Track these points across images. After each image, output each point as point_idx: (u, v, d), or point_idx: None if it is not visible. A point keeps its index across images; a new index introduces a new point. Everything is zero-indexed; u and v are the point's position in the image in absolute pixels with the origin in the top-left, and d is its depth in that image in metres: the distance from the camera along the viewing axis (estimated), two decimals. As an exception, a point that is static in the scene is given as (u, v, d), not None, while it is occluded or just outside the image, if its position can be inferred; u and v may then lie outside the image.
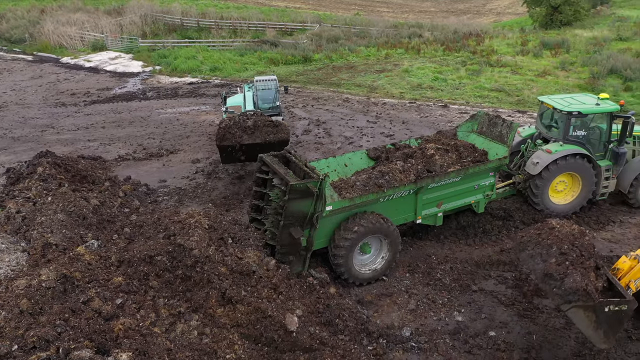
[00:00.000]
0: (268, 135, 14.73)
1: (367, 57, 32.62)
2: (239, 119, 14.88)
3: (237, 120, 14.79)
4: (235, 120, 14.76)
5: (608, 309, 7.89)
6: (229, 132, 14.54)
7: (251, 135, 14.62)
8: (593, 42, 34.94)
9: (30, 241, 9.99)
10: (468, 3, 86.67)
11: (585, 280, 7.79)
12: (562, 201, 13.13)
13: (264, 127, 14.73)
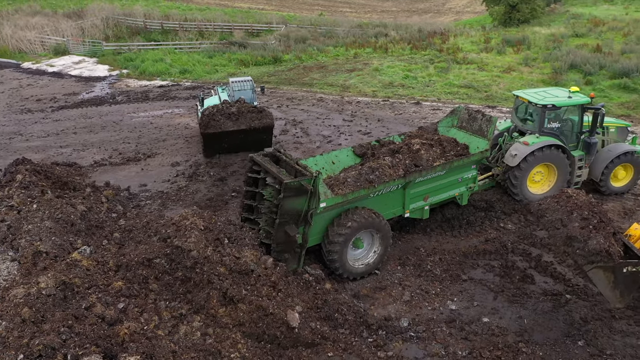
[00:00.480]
0: (252, 121, 14.70)
1: (336, 56, 32.93)
2: (222, 106, 14.75)
3: (220, 107, 14.67)
4: (218, 108, 14.61)
5: (626, 269, 8.60)
6: (213, 120, 14.41)
7: (236, 122, 14.57)
8: (551, 39, 36.30)
9: (19, 250, 9.73)
10: (428, 3, 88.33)
11: (607, 242, 8.50)
12: (540, 191, 13.67)
13: (247, 114, 14.69)
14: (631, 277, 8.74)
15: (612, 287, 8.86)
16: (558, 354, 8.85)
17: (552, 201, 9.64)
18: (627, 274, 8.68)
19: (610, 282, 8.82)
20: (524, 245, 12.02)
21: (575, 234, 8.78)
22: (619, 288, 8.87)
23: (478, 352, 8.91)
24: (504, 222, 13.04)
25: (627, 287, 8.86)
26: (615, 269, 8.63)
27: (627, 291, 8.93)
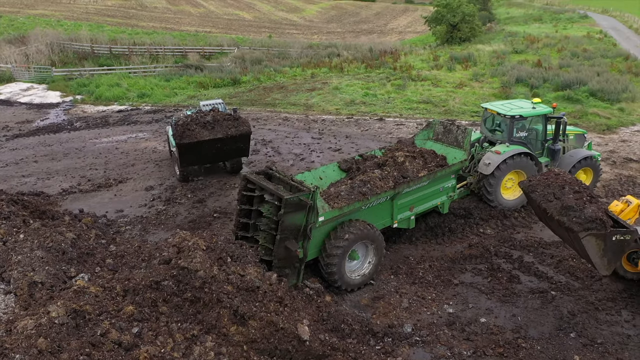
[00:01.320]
0: (229, 129, 14.19)
1: (294, 76, 33.42)
2: (196, 115, 14.13)
3: (195, 117, 14.06)
4: (192, 117, 13.98)
5: (615, 238, 9.37)
6: (187, 129, 13.79)
7: (211, 131, 14.00)
8: (494, 56, 38.47)
9: (11, 282, 9.36)
10: (371, 24, 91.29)
11: (601, 211, 9.34)
12: (512, 197, 14.49)
13: (223, 122, 14.16)
14: (619, 245, 9.57)
15: (601, 255, 9.60)
16: (554, 346, 9.42)
17: (542, 178, 10.54)
18: (616, 241, 9.49)
19: (600, 249, 9.55)
20: (505, 248, 12.70)
21: (571, 204, 9.62)
22: (607, 256, 9.63)
23: (482, 350, 9.34)
24: (483, 227, 13.71)
25: (614, 255, 9.67)
26: (607, 237, 9.37)
27: (613, 259, 9.73)
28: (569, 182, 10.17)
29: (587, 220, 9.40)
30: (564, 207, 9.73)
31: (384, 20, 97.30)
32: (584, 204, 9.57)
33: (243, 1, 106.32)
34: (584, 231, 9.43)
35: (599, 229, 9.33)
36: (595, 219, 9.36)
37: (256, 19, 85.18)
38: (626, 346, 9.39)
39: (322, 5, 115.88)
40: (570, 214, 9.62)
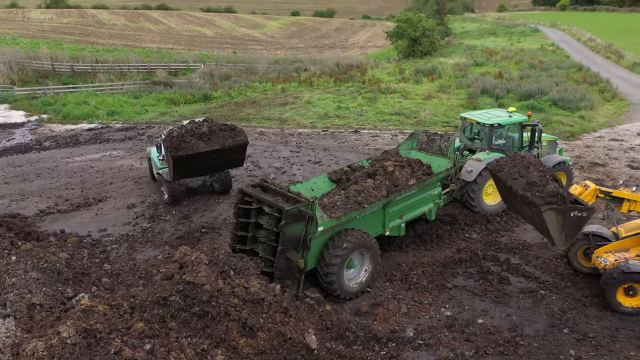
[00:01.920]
0: (226, 140, 13.65)
1: (264, 91, 33.60)
2: (190, 126, 13.50)
3: (189, 127, 13.42)
4: (187, 128, 13.36)
5: (573, 214, 10.12)
6: (183, 141, 13.10)
7: (208, 142, 13.39)
8: (457, 68, 39.80)
9: (7, 305, 9.09)
10: (332, 39, 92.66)
11: (561, 188, 10.13)
12: (493, 202, 15.03)
13: (219, 132, 13.62)
14: (576, 221, 10.31)
15: (560, 230, 10.34)
16: (550, 342, 9.84)
17: (509, 160, 11.34)
18: (574, 217, 10.24)
19: (559, 224, 10.28)
20: (492, 252, 13.16)
21: (535, 180, 10.39)
22: (565, 231, 10.38)
23: (483, 350, 9.66)
24: (468, 232, 14.17)
25: (571, 230, 10.43)
26: (565, 212, 10.11)
27: (571, 234, 10.51)
28: (533, 163, 11.01)
29: (548, 194, 10.13)
30: (528, 183, 10.48)
31: (344, 35, 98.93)
32: (547, 181, 10.39)
33: (203, 18, 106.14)
34: (545, 205, 10.16)
35: (559, 204, 10.07)
36: (557, 194, 10.15)
37: (218, 35, 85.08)
38: (616, 338, 9.90)
39: (282, 21, 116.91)
40: (533, 189, 10.35)
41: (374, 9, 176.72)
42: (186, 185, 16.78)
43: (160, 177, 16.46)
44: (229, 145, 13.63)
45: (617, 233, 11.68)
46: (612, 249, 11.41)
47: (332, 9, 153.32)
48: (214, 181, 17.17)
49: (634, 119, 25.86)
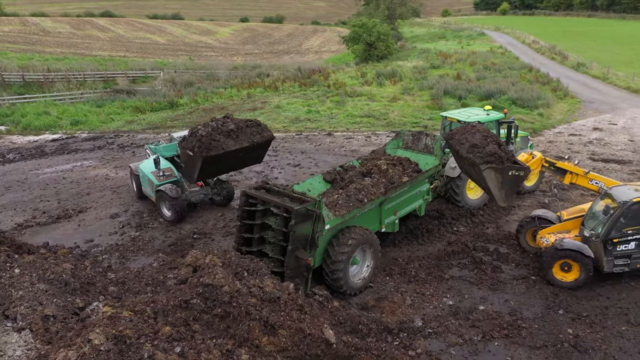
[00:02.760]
0: (254, 136, 12.93)
1: (230, 97, 33.48)
2: (216, 123, 12.69)
3: (215, 125, 12.60)
4: (213, 127, 12.55)
5: (511, 173, 11.19)
6: (213, 140, 12.26)
7: (237, 140, 12.61)
8: (416, 71, 40.98)
9: (18, 319, 8.84)
10: (285, 44, 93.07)
11: (498, 150, 11.14)
12: (475, 197, 15.73)
13: (246, 129, 12.87)
14: (514, 179, 11.34)
15: (500, 187, 11.38)
16: (548, 323, 10.48)
17: (460, 129, 12.41)
18: (512, 176, 11.27)
19: (499, 182, 11.32)
20: (480, 243, 13.80)
21: (477, 142, 11.41)
22: (505, 189, 11.41)
23: (489, 334, 10.18)
24: (456, 226, 14.79)
25: (510, 188, 11.49)
26: (504, 171, 11.13)
27: (510, 192, 11.58)
28: (481, 130, 12.00)
29: (487, 154, 11.15)
30: (471, 145, 11.50)
31: (297, 40, 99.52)
32: (488, 144, 11.39)
33: (153, 25, 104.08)
34: (484, 164, 11.21)
35: (497, 163, 11.08)
36: (495, 154, 11.19)
37: (170, 42, 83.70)
38: (607, 316, 10.67)
39: (233, 27, 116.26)
40: (475, 150, 11.39)
41: (323, 15, 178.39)
42: (188, 200, 15.99)
43: (163, 194, 15.40)
44: (257, 141, 12.96)
45: (560, 216, 12.67)
46: (554, 231, 12.49)
47: (280, 14, 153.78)
48: (214, 194, 16.69)
49: (587, 115, 27.56)
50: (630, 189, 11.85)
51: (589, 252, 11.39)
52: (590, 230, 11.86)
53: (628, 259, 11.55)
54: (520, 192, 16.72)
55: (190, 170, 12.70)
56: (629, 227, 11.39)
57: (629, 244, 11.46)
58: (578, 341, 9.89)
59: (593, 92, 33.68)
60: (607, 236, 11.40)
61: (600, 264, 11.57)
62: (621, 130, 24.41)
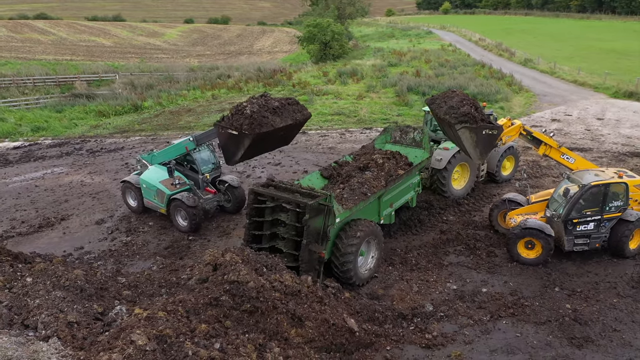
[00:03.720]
0: (296, 114, 12.45)
1: (195, 99, 33.05)
2: (261, 101, 12.08)
3: (261, 102, 12.01)
4: (260, 104, 11.93)
5: (485, 132, 12.22)
6: (263, 117, 11.69)
7: (282, 118, 12.09)
8: (375, 69, 41.81)
9: (39, 327, 8.62)
10: (236, 45, 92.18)
11: (473, 111, 12.19)
12: (459, 187, 16.44)
13: (288, 106, 12.39)
14: (488, 138, 12.36)
15: (474, 146, 12.42)
16: (548, 300, 11.21)
17: (441, 94, 13.53)
18: (485, 135, 12.29)
19: (473, 141, 12.37)
20: (471, 230, 14.47)
21: (453, 105, 12.47)
22: (479, 147, 12.46)
23: (496, 314, 10.78)
24: (445, 215, 15.41)
25: (484, 147, 12.56)
26: (477, 130, 12.16)
27: (484, 150, 12.69)
28: (458, 94, 13.01)
29: (462, 114, 12.20)
30: (448, 107, 12.57)
31: (248, 41, 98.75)
32: (463, 105, 12.43)
33: (96, 27, 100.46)
34: (459, 124, 12.25)
35: (471, 123, 12.14)
36: (468, 114, 12.24)
37: (117, 45, 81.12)
38: (598, 290, 11.51)
39: (180, 28, 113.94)
40: (451, 112, 12.45)
41: (268, 16, 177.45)
42: (203, 208, 15.11)
43: (179, 203, 14.62)
44: (299, 119, 12.48)
45: (528, 199, 13.82)
46: (522, 212, 13.50)
47: (226, 15, 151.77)
48: (225, 200, 15.99)
49: (543, 108, 29.13)
50: (591, 174, 12.82)
51: (550, 231, 12.31)
52: (552, 212, 12.75)
53: (587, 239, 12.56)
54: (498, 180, 17.60)
55: (233, 150, 12.20)
56: (588, 208, 12.36)
57: (588, 224, 12.46)
58: (577, 315, 10.65)
59: (544, 86, 35.56)
60: (567, 217, 12.35)
61: (561, 243, 12.54)
62: (577, 121, 25.99)
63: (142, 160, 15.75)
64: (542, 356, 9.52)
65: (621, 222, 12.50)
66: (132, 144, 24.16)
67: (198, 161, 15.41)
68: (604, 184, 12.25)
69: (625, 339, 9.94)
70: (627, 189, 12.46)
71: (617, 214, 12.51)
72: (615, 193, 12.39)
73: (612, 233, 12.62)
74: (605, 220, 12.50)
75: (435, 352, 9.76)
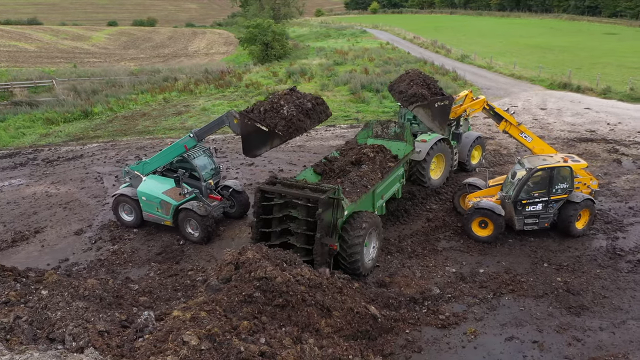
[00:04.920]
0: (321, 114, 12.58)
1: (146, 103, 32.10)
2: (295, 100, 11.97)
3: (297, 102, 11.95)
4: (296, 104, 11.85)
5: (437, 104, 13.81)
6: (299, 121, 11.77)
7: (312, 120, 12.26)
8: (323, 68, 42.36)
9: (67, 340, 8.33)
10: (170, 48, 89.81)
11: (420, 89, 13.73)
12: (436, 177, 17.23)
13: (317, 107, 12.49)
14: (441, 109, 13.99)
15: (432, 119, 13.95)
16: (539, 275, 12.11)
17: (398, 77, 15.50)
18: (438, 107, 13.83)
19: (429, 115, 13.93)
20: (455, 217, 15.24)
21: (402, 89, 13.98)
22: (437, 119, 14.02)
23: (498, 292, 11.52)
24: (428, 204, 16.12)
25: (441, 118, 14.18)
26: (430, 105, 13.72)
27: (442, 120, 14.28)
28: (410, 76, 15.12)
29: (411, 96, 13.65)
30: (399, 92, 14.21)
31: (181, 43, 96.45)
32: (411, 87, 13.96)
33: (15, 31, 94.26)
34: (410, 105, 13.73)
35: (422, 101, 13.58)
36: (416, 94, 13.85)
37: (42, 49, 76.60)
38: (581, 263, 12.56)
39: (107, 32, 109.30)
40: (401, 96, 13.94)
41: (195, 17, 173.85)
42: (212, 216, 14.55)
43: (189, 213, 13.95)
44: (322, 119, 12.69)
45: (487, 183, 14.96)
46: (480, 195, 14.57)
47: (152, 17, 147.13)
48: (230, 205, 15.58)
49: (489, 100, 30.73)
50: (539, 159, 13.94)
51: (500, 211, 13.37)
52: (504, 194, 13.80)
53: (537, 219, 13.63)
54: (468, 169, 18.60)
55: (256, 144, 12.11)
56: (536, 190, 13.43)
57: (536, 205, 13.52)
58: (568, 286, 11.60)
59: (485, 80, 37.57)
60: (516, 198, 13.40)
61: (512, 222, 13.58)
62: (523, 111, 27.76)
63: (133, 172, 15.00)
64: (547, 326, 10.31)
65: (568, 203, 13.49)
66: (91, 151, 23.20)
67: (199, 168, 14.73)
68: (549, 168, 13.26)
69: (615, 304, 10.96)
70: (571, 172, 13.47)
71: (563, 196, 13.51)
72: (560, 176, 13.37)
73: (559, 213, 13.63)
74: (553, 201, 13.50)
75: (451, 331, 10.31)
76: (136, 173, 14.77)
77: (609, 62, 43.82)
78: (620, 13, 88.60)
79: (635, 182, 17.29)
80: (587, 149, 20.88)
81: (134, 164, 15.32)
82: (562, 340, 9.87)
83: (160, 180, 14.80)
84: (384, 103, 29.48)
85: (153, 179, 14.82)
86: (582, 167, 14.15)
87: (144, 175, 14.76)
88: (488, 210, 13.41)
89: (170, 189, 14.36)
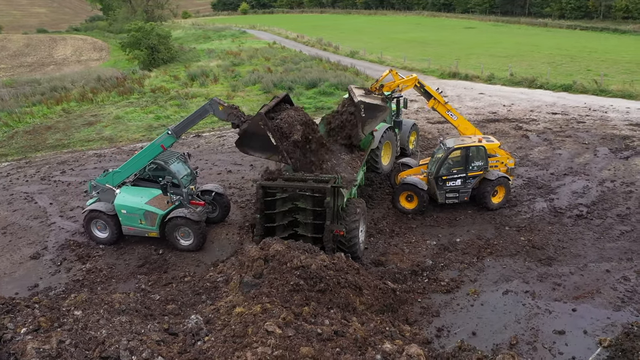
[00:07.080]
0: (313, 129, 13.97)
1: (45, 115, 29.43)
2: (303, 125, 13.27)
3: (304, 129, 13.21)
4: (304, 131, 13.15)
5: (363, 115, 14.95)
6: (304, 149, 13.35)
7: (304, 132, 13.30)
8: (222, 69, 41.98)
9: (121, 356, 8.00)
10: (32, 56, 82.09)
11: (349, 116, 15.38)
12: (386, 163, 18.48)
13: (309, 122, 13.79)
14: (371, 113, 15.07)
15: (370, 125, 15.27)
16: (506, 237, 13.83)
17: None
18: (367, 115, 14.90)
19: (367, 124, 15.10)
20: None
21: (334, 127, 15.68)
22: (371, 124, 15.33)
23: (479, 255, 13.01)
24: (386, 189, 17.26)
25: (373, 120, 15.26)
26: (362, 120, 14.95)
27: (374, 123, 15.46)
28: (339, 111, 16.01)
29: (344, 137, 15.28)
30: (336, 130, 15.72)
31: (43, 51, 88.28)
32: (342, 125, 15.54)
33: None
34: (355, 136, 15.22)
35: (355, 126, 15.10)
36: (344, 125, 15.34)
37: None
38: (534, 222, 14.52)
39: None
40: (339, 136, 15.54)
41: (46, 22, 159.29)
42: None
43: (180, 220, 13.41)
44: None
45: (418, 163, 16.86)
46: (409, 173, 16.30)
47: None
48: (212, 209, 15.17)
49: (396, 92, 33.03)
50: (458, 139, 15.85)
51: (422, 186, 15.17)
52: (428, 171, 15.65)
53: (457, 193, 15.47)
54: (408, 154, 20.17)
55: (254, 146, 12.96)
56: (455, 167, 15.29)
57: (455, 181, 15.36)
58: (533, 243, 13.44)
59: (382, 74, 39.99)
60: (437, 174, 15.23)
61: (435, 196, 15.39)
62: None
63: (102, 185, 13.99)
64: (530, 277, 11.94)
65: (484, 180, 15.27)
66: (4, 171, 20.96)
67: (178, 174, 14.06)
68: (465, 147, 15.05)
69: (573, 252, 12.98)
70: (485, 151, 15.20)
71: (479, 172, 15.24)
72: (475, 155, 15.13)
73: (477, 189, 15.39)
74: (470, 177, 15.25)
75: (456, 294, 11.50)
76: (107, 186, 13.90)
77: (481, 52, 49.09)
78: (471, 9, 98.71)
79: (546, 153, 20.11)
80: (498, 128, 23.64)
81: (100, 177, 14.29)
82: (546, 287, 11.52)
83: (138, 191, 14.09)
84: (301, 100, 30.28)
85: (130, 190, 14.06)
86: (496, 146, 15.87)
87: (115, 188, 13.94)
88: (413, 186, 15.06)
89: (153, 198, 13.78)
